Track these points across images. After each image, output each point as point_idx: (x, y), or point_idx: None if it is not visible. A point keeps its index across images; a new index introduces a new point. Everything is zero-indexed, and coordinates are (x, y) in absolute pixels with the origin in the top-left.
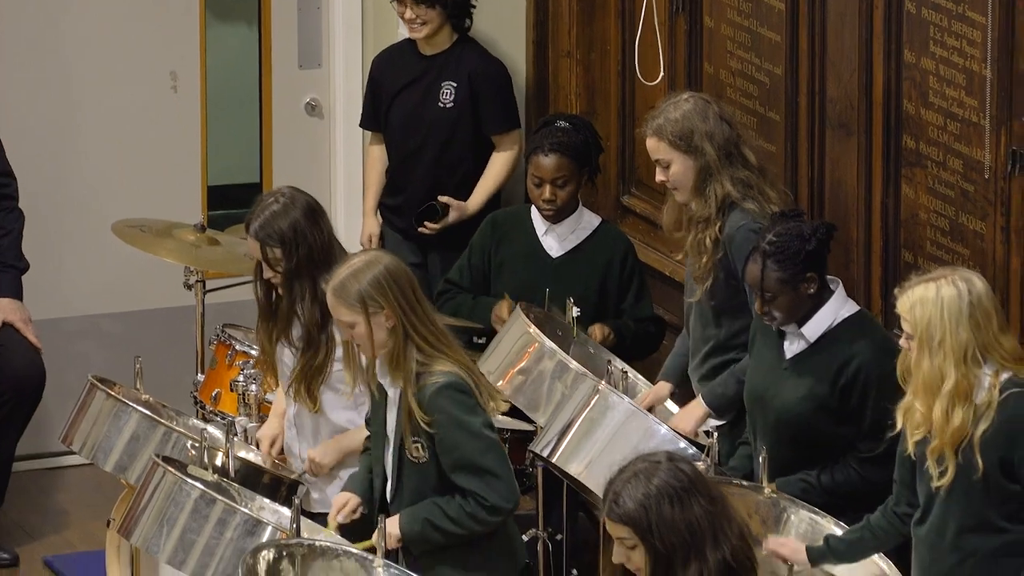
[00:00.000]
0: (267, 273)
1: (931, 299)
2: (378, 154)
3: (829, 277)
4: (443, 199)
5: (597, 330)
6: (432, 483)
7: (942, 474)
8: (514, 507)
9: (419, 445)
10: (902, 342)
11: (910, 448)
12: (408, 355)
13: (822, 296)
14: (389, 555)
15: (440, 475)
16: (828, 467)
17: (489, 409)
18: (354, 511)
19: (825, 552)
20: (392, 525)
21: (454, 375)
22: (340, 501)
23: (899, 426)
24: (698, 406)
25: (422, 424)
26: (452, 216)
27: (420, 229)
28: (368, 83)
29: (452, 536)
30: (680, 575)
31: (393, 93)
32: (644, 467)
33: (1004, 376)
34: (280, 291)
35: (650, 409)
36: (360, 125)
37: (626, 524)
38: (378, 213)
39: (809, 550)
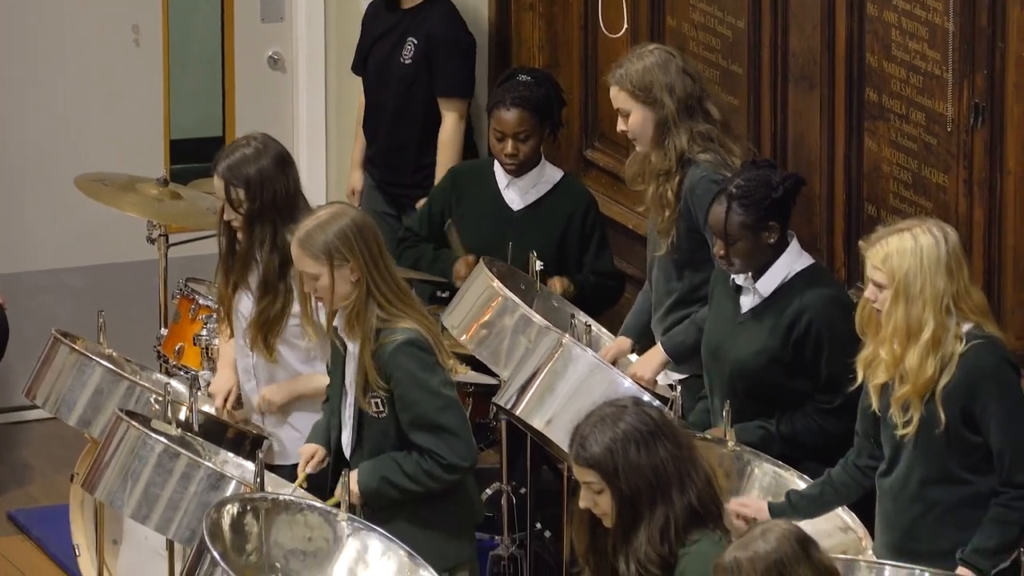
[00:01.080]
0: (228, 215)
1: (909, 248)
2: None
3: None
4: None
5: (557, 282)
6: (391, 438)
7: (907, 423)
8: (471, 465)
9: (377, 401)
10: (868, 293)
11: (873, 401)
12: (369, 310)
13: (780, 248)
14: (351, 509)
15: (399, 430)
16: (788, 416)
17: (448, 367)
18: (322, 461)
19: (787, 508)
20: (351, 481)
21: (414, 332)
22: (308, 452)
23: (860, 379)
24: (658, 353)
25: (380, 382)
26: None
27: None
28: (361, 27)
29: (409, 492)
30: (646, 518)
31: (371, 42)
32: (611, 412)
33: (966, 327)
34: (238, 235)
35: (613, 363)
36: (351, 68)
37: (593, 468)
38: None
39: (771, 507)
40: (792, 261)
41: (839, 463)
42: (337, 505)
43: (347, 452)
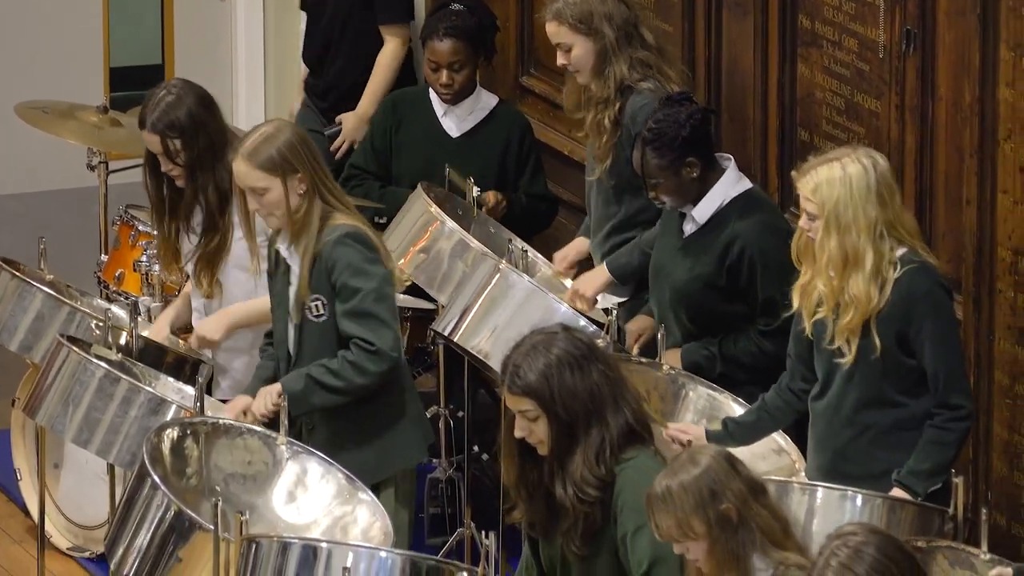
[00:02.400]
0: (165, 166)
1: (838, 178)
2: None
3: (723, 155)
4: (338, 118)
5: (491, 195)
6: (331, 343)
7: (848, 351)
8: (396, 359)
9: (318, 303)
10: (802, 223)
11: (807, 327)
12: (315, 218)
13: (709, 178)
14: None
15: (339, 334)
16: (730, 338)
17: (392, 270)
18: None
19: (724, 435)
20: (274, 388)
21: (354, 226)
22: (240, 407)
23: (795, 306)
24: (601, 272)
25: (322, 276)
26: (350, 125)
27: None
28: None
29: (336, 391)
30: (582, 442)
31: None
32: (542, 339)
33: (899, 252)
34: (178, 184)
35: (571, 267)
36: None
37: (528, 396)
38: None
39: (708, 434)
40: (728, 188)
41: (772, 388)
42: (269, 425)
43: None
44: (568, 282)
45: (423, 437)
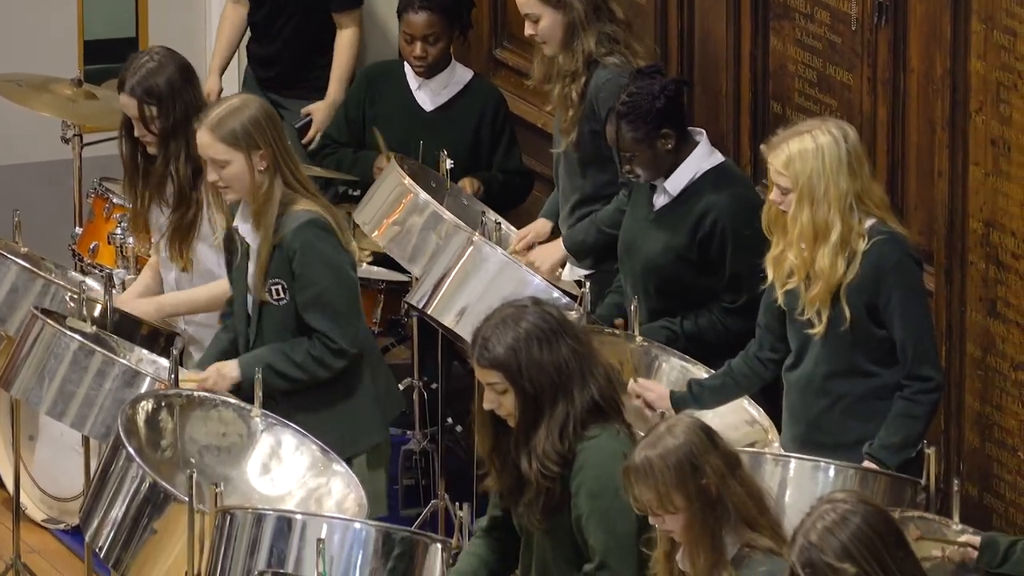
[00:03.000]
0: (139, 132)
1: (810, 151)
2: (232, 16)
3: (695, 129)
4: (305, 110)
5: (467, 183)
6: (290, 327)
7: (818, 322)
8: (356, 354)
9: (278, 287)
10: (773, 196)
11: (780, 298)
12: (275, 197)
13: (682, 150)
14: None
15: (298, 319)
16: (692, 315)
17: (351, 251)
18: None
19: (687, 398)
20: (231, 368)
21: (316, 213)
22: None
23: (770, 277)
24: (557, 247)
25: (283, 262)
26: (320, 115)
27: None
28: None
29: (295, 381)
30: (547, 415)
31: None
32: (511, 312)
33: (868, 223)
34: (150, 151)
35: (530, 248)
36: None
37: (496, 368)
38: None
39: (672, 395)
40: (700, 160)
41: (740, 355)
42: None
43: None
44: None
45: (384, 415)
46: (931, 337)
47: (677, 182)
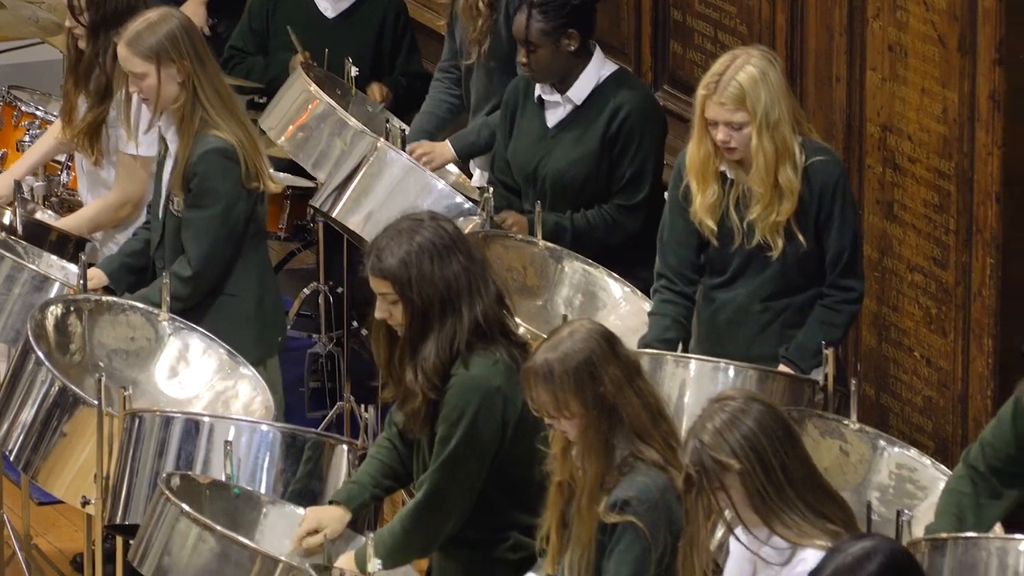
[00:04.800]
0: (69, 22)
1: (757, 79)
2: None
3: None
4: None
5: (376, 89)
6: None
7: (775, 246)
8: (209, 284)
9: (181, 199)
10: (721, 137)
11: (712, 237)
12: (195, 113)
13: (580, 58)
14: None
15: None
16: (583, 212)
17: (252, 188)
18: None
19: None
20: (100, 277)
21: (226, 142)
22: (96, 281)
23: (711, 226)
24: (446, 149)
25: (185, 180)
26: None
27: None
28: None
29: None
30: (435, 330)
31: None
32: (407, 225)
33: (799, 139)
34: (80, 45)
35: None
36: None
37: (386, 279)
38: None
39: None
40: (599, 67)
41: (667, 305)
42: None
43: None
44: (453, 168)
45: (275, 332)
46: (860, 249)
47: (581, 89)
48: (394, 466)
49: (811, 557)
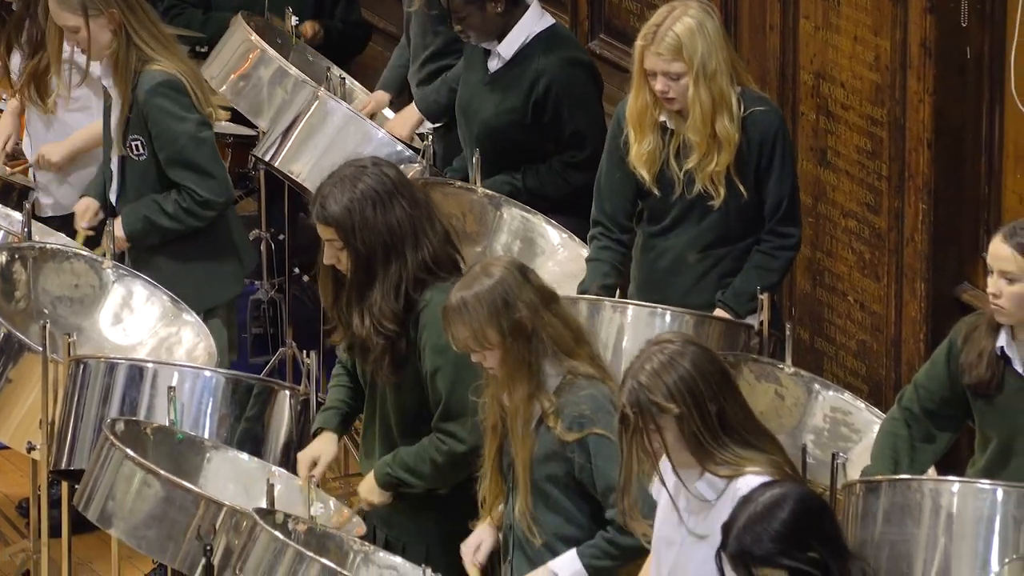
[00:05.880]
0: None
1: (695, 29)
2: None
3: None
4: None
5: (308, 26)
6: (151, 180)
7: (717, 194)
8: (227, 201)
9: (137, 143)
10: (660, 87)
11: (646, 178)
12: (128, 55)
13: (513, 13)
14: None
15: (159, 171)
16: (533, 170)
17: (207, 113)
18: (96, 214)
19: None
20: (118, 228)
21: (170, 74)
22: (82, 206)
23: (647, 178)
24: (412, 112)
25: (139, 123)
26: None
27: None
28: None
29: (169, 231)
30: (381, 275)
31: None
32: (350, 172)
33: (737, 89)
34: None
35: (371, 117)
36: None
37: (331, 226)
38: None
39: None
40: (532, 24)
41: (604, 251)
42: (104, 254)
43: (114, 200)
44: (389, 112)
45: (241, 269)
46: (798, 196)
47: (510, 46)
48: (358, 389)
49: (746, 485)
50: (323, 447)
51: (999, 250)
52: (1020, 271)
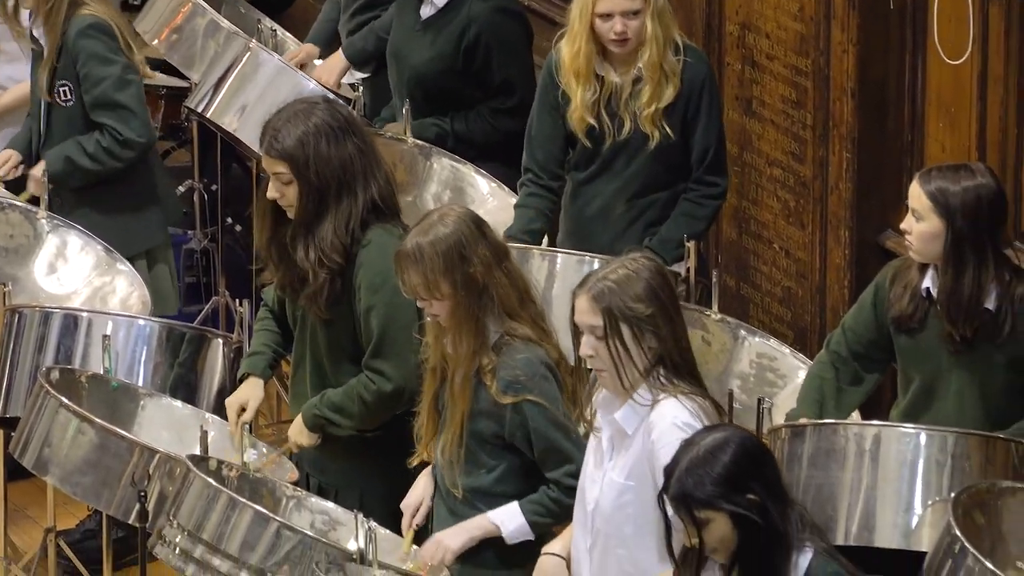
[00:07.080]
0: None
1: None
2: None
3: None
4: None
5: None
6: (78, 126)
7: (652, 137)
8: (149, 143)
9: (65, 89)
10: (618, 28)
11: (578, 130)
12: (61, 5)
13: None
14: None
15: (85, 118)
16: (461, 115)
17: (135, 61)
18: (16, 167)
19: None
20: (37, 169)
21: (98, 18)
22: (2, 159)
23: (587, 119)
24: (339, 59)
25: (68, 65)
26: None
27: None
28: None
29: (91, 173)
30: (332, 209)
31: None
32: (303, 108)
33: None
34: None
35: (300, 68)
36: None
37: (283, 160)
38: None
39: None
40: None
41: (532, 198)
42: (31, 200)
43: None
44: (318, 62)
45: (164, 216)
46: (724, 146)
47: None
48: (284, 333)
49: (671, 405)
50: (250, 392)
51: (913, 189)
52: (923, 209)
